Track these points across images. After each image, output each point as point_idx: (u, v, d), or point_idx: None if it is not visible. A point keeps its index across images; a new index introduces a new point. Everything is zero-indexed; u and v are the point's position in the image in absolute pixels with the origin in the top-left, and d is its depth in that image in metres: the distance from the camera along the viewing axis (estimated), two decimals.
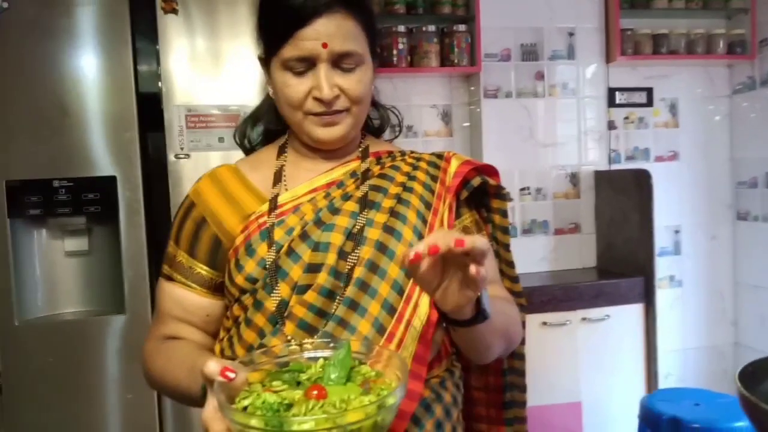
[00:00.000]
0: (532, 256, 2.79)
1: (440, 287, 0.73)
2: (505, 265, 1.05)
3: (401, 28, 2.55)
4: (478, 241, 0.67)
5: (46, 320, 1.94)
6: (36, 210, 1.87)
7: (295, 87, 0.90)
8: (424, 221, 0.94)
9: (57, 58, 1.89)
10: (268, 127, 1.06)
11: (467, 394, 1.07)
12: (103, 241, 2.01)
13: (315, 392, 0.62)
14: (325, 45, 0.87)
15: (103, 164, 1.93)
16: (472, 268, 0.68)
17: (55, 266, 1.98)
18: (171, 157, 2.00)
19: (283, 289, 0.88)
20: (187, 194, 1.00)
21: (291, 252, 0.89)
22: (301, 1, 0.86)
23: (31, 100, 1.88)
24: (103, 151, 1.93)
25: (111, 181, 1.92)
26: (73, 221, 1.93)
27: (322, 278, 0.87)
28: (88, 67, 1.92)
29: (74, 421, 1.93)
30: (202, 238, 0.95)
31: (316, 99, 0.90)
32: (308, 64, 0.89)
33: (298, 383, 0.68)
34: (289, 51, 0.88)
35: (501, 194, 1.02)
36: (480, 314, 0.77)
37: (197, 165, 2.00)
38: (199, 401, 0.71)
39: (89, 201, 1.91)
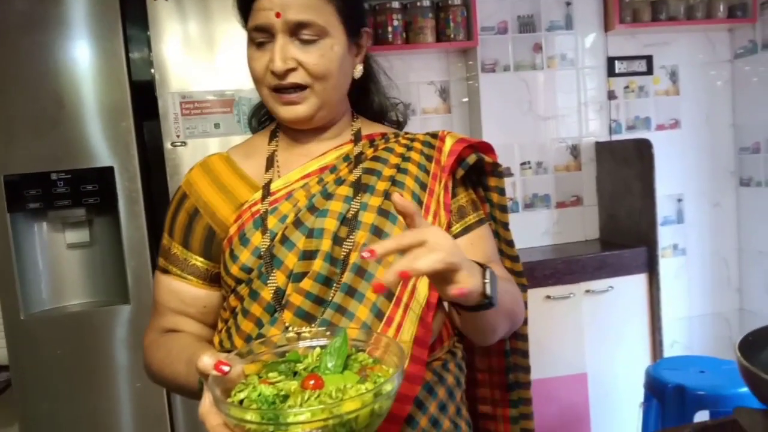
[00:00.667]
0: (534, 231, 2.78)
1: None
2: (505, 244, 1.03)
3: (395, 4, 2.51)
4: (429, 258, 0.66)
5: (52, 313, 1.96)
6: (35, 203, 1.87)
7: (257, 60, 0.89)
8: (420, 202, 0.92)
9: (50, 50, 1.88)
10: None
11: (471, 375, 1.07)
12: (104, 232, 2.02)
13: (312, 382, 0.61)
14: (278, 15, 0.85)
15: (101, 155, 1.92)
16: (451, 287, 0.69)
17: (58, 259, 1.99)
18: (168, 145, 1.99)
19: (278, 278, 0.87)
20: (179, 185, 0.99)
21: (285, 239, 0.88)
22: None
23: (26, 93, 1.87)
24: (100, 141, 1.92)
25: (109, 171, 1.92)
26: (73, 213, 1.93)
27: (318, 265, 0.87)
28: (81, 57, 1.90)
29: (85, 411, 1.95)
30: (195, 229, 0.95)
31: (273, 72, 0.88)
32: (267, 35, 0.88)
33: (295, 373, 0.67)
34: (250, 22, 0.89)
35: (498, 172, 1.00)
36: (487, 301, 0.74)
37: (195, 152, 2.00)
38: (199, 394, 0.72)
39: (88, 192, 1.91)
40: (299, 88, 0.89)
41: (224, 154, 1.00)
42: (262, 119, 1.09)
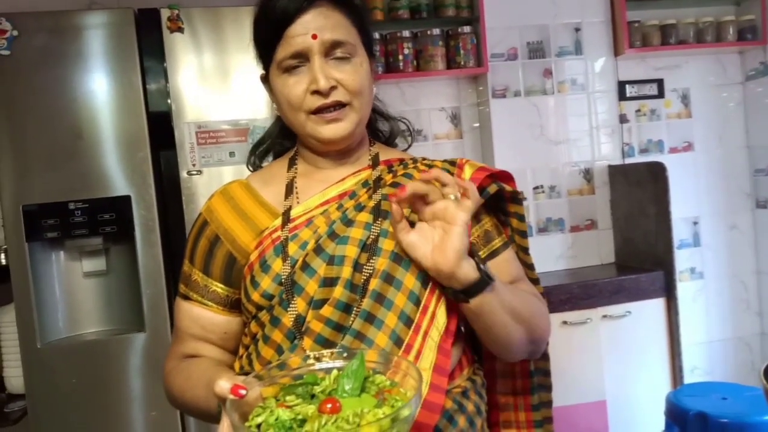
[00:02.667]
0: (549, 255, 2.76)
1: (433, 247, 0.82)
2: (526, 268, 1.04)
3: (406, 33, 2.55)
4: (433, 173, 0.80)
5: (68, 341, 1.97)
6: (53, 233, 1.90)
7: (294, 86, 0.90)
8: None
9: (68, 82, 1.92)
10: (276, 150, 1.07)
11: (492, 400, 1.06)
12: (121, 261, 2.03)
13: (329, 406, 0.61)
14: (314, 36, 0.88)
15: (118, 184, 1.95)
16: (447, 189, 0.80)
17: (75, 287, 2.01)
18: (184, 174, 2.02)
19: (299, 305, 0.87)
20: (199, 212, 1.00)
21: (306, 266, 0.88)
22: (285, 1, 0.88)
23: (44, 125, 1.91)
24: (117, 171, 1.95)
25: (126, 200, 1.95)
26: (90, 242, 1.95)
27: (338, 292, 0.87)
28: (99, 90, 1.94)
29: None
30: (216, 255, 0.96)
31: (314, 93, 0.89)
32: (302, 59, 0.89)
33: (313, 396, 0.67)
34: (282, 51, 0.89)
35: (517, 199, 1.02)
36: (483, 276, 0.81)
37: (210, 181, 2.02)
38: (218, 418, 0.71)
39: (105, 221, 1.93)
40: (339, 105, 0.91)
41: (244, 181, 1.01)
42: (262, 155, 1.09)
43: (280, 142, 1.06)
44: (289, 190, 0.97)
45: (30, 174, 1.90)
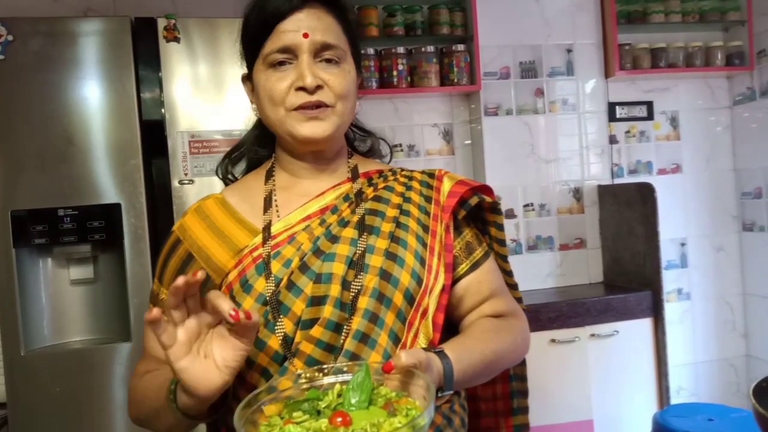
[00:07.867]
0: (538, 273, 2.77)
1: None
2: (505, 274, 1.05)
3: (401, 50, 2.57)
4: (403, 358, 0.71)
5: (53, 349, 1.93)
6: (41, 239, 1.87)
7: (277, 82, 0.89)
8: (424, 245, 0.92)
9: (62, 88, 1.91)
10: (251, 156, 1.04)
11: (474, 406, 1.06)
12: (109, 269, 2.01)
13: (339, 419, 0.59)
14: (306, 35, 0.87)
15: (108, 192, 1.93)
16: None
17: (61, 295, 1.98)
18: (175, 183, 2.01)
19: (286, 325, 0.84)
20: (171, 230, 0.96)
21: (291, 285, 0.86)
22: (279, 0, 0.88)
23: (36, 130, 1.89)
24: (108, 178, 1.94)
25: (116, 208, 1.93)
26: (78, 249, 1.93)
27: (328, 311, 0.84)
28: (93, 96, 1.93)
29: None
30: (187, 275, 0.93)
31: (299, 89, 0.88)
32: (290, 55, 0.88)
33: (318, 412, 0.65)
34: (270, 45, 0.88)
35: (497, 209, 1.03)
36: (445, 392, 0.80)
37: (201, 190, 2.01)
38: (171, 415, 0.73)
39: (94, 229, 1.91)
40: (323, 106, 0.89)
41: (219, 195, 0.98)
42: (235, 161, 1.06)
43: (255, 149, 1.03)
44: (268, 203, 0.94)
45: (20, 179, 1.87)
